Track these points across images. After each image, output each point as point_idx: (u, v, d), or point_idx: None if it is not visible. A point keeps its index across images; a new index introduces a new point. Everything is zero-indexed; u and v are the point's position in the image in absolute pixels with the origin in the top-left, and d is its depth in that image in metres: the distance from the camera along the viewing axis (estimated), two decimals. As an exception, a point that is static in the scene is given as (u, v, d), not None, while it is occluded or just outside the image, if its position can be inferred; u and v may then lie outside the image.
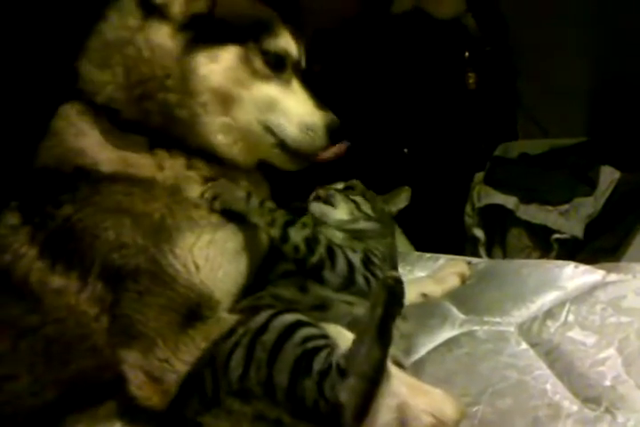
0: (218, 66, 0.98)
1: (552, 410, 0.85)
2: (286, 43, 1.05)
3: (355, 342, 0.72)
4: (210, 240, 0.95)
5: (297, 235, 0.96)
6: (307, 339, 0.74)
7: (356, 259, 1.00)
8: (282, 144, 1.04)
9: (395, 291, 0.73)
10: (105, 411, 0.94)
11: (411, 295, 1.26)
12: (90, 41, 1.02)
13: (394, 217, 1.32)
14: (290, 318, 0.79)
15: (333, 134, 1.05)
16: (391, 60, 2.68)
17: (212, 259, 0.93)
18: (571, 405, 0.86)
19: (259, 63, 1.01)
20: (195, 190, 0.99)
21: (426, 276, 1.41)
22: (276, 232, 0.96)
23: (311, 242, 0.96)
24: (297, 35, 1.08)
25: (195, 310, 0.89)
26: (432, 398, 0.77)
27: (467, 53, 2.82)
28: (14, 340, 0.93)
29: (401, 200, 1.31)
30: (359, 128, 2.60)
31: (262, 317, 0.79)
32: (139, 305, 0.89)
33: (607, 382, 0.88)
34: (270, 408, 0.71)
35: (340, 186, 1.28)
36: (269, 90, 1.03)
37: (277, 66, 1.03)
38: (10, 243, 0.96)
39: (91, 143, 1.00)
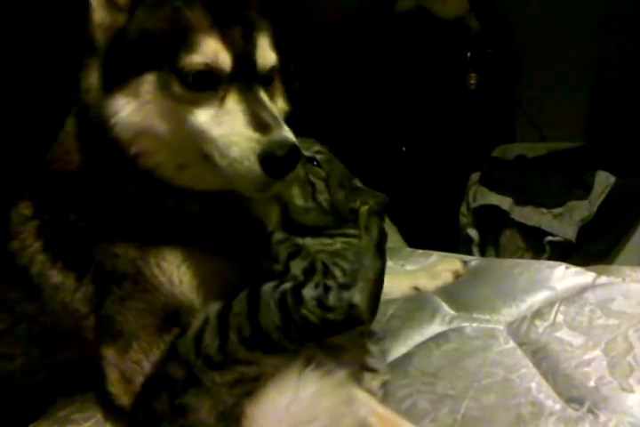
0: (136, 104, 0.83)
1: (535, 408, 0.86)
2: (208, 53, 0.81)
3: (355, 260, 0.85)
4: (201, 260, 0.93)
5: (296, 267, 0.94)
6: (276, 287, 0.81)
7: (343, 280, 0.99)
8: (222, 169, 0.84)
9: (382, 214, 0.88)
10: (91, 398, 0.98)
11: (403, 288, 1.28)
12: None
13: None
14: (247, 289, 0.83)
15: (272, 164, 0.80)
16: (392, 57, 2.68)
17: (198, 277, 0.92)
18: (554, 404, 0.87)
19: (176, 87, 0.82)
20: (189, 216, 0.96)
21: (419, 269, 1.42)
22: (278, 267, 0.95)
23: (309, 272, 0.94)
24: (244, 32, 0.85)
25: (172, 315, 0.90)
26: None
27: (468, 54, 2.83)
28: (11, 323, 0.96)
29: (372, 203, 1.11)
30: (358, 125, 2.62)
31: (219, 302, 0.84)
32: (119, 307, 0.90)
33: (591, 383, 0.89)
34: (254, 361, 0.78)
35: (312, 150, 1.10)
36: (197, 117, 0.83)
37: (202, 84, 0.82)
38: (20, 231, 0.97)
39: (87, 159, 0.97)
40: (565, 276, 1.22)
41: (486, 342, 1.04)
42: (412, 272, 1.40)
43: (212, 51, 0.81)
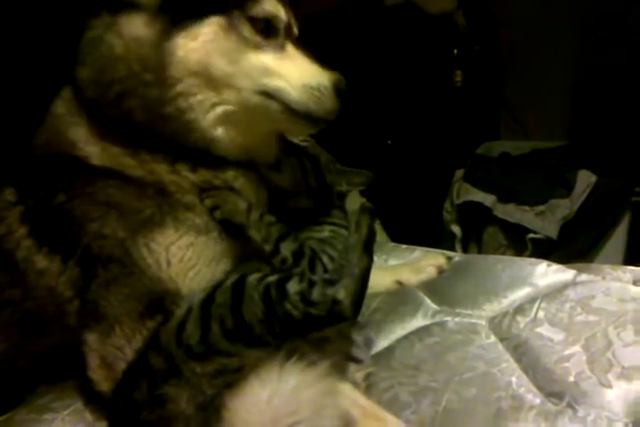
0: (197, 43, 0.90)
1: (515, 402, 0.87)
2: (273, 6, 0.96)
3: (342, 255, 0.85)
4: (191, 242, 0.93)
5: (286, 249, 0.96)
6: (261, 279, 0.81)
7: (331, 266, 1.00)
8: (288, 109, 0.96)
9: (374, 213, 0.88)
10: (71, 386, 0.98)
11: (386, 282, 1.28)
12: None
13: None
14: (232, 279, 0.83)
15: (342, 95, 0.98)
16: (380, 52, 2.68)
17: (186, 260, 0.92)
18: (534, 398, 0.88)
19: (247, 31, 0.93)
20: (183, 195, 0.97)
21: (403, 263, 1.43)
22: (268, 247, 0.96)
23: (297, 255, 0.96)
24: None
25: (158, 301, 0.89)
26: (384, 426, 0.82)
27: (455, 51, 2.84)
28: None
29: (357, 181, 1.21)
30: (344, 118, 2.62)
31: (203, 292, 0.84)
32: (104, 292, 0.89)
33: (571, 378, 0.90)
34: (236, 353, 0.78)
35: (298, 138, 1.17)
36: (263, 58, 0.94)
37: (268, 32, 0.95)
38: (5, 216, 0.96)
39: (82, 135, 0.97)
40: (547, 273, 1.23)
41: (468, 336, 1.05)
42: (396, 266, 1.40)
43: (274, 5, 0.96)
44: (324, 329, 0.82)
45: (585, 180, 2.39)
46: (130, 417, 0.79)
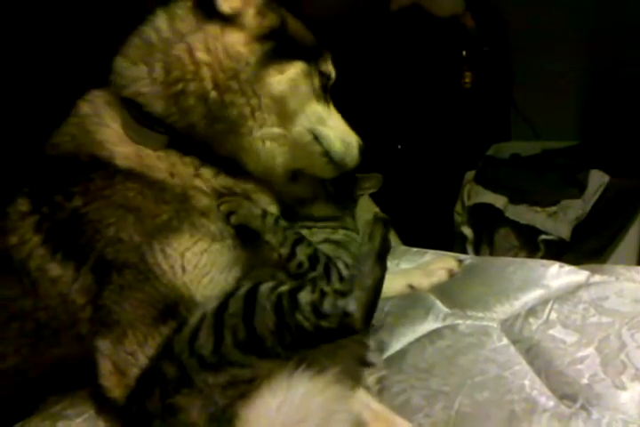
0: (284, 76, 1.01)
1: (529, 405, 0.86)
2: (331, 68, 1.13)
3: (354, 267, 0.84)
4: (205, 249, 0.95)
5: (302, 253, 0.97)
6: (274, 288, 0.81)
7: (346, 273, 1.00)
8: (327, 155, 1.11)
9: (388, 223, 0.88)
10: (84, 394, 0.97)
11: (397, 286, 1.28)
12: (129, 39, 1.03)
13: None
14: (245, 287, 0.83)
15: (362, 154, 1.16)
16: (388, 55, 2.68)
17: (201, 267, 0.93)
18: (547, 400, 0.87)
19: (317, 82, 1.08)
20: (200, 201, 0.99)
21: (414, 267, 1.42)
22: (285, 251, 0.97)
23: (313, 259, 0.97)
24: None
25: (171, 307, 0.89)
26: None
27: (464, 52, 2.83)
28: (5, 321, 0.95)
29: (368, 186, 1.27)
30: (354, 122, 2.62)
31: (217, 300, 0.83)
32: (118, 297, 0.90)
33: (584, 380, 0.89)
34: (248, 364, 0.77)
35: None
36: (319, 108, 1.09)
37: (325, 88, 1.11)
38: (18, 227, 0.97)
39: (110, 136, 1.00)
40: (559, 274, 1.23)
41: (480, 339, 1.04)
42: (407, 270, 1.40)
43: (332, 66, 1.14)
44: (334, 341, 0.81)
45: (597, 180, 2.37)
46: (142, 425, 0.80)
